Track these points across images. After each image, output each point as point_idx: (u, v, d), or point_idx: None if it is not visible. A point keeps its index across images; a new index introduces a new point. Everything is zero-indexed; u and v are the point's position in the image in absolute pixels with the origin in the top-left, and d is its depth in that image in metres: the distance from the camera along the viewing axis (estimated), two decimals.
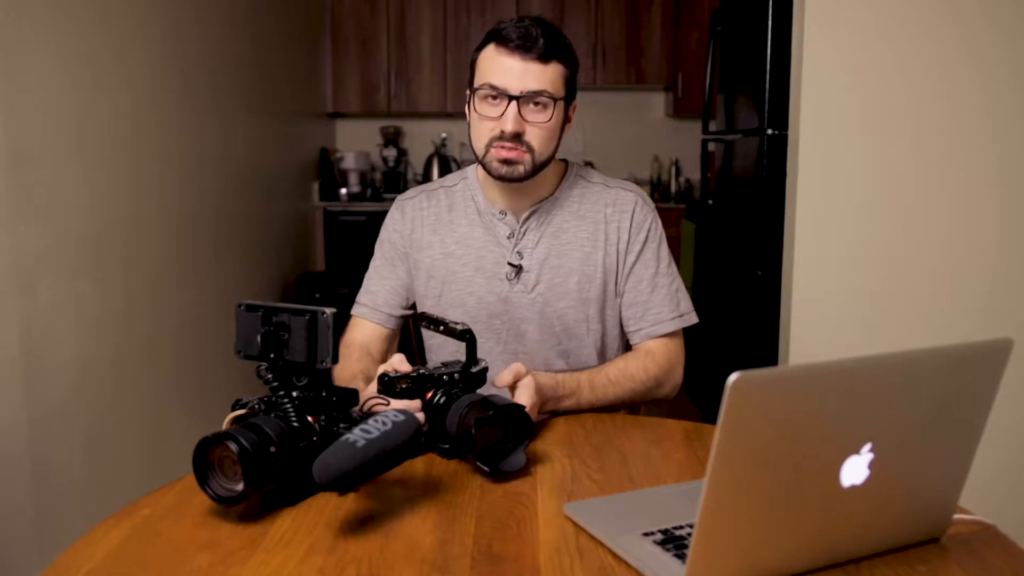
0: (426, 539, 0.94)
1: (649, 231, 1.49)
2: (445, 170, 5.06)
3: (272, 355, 1.07)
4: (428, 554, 0.91)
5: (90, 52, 2.23)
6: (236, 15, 3.37)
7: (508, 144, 1.36)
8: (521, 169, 1.38)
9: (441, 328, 1.22)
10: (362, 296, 1.55)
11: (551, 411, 1.35)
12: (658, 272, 1.49)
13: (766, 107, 2.64)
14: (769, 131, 2.63)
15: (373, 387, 1.21)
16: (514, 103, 1.34)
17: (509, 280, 1.46)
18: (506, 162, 1.37)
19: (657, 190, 5.18)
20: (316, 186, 4.76)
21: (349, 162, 4.89)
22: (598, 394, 1.39)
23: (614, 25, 5.01)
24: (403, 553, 0.91)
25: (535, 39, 1.33)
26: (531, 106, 1.35)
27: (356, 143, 5.18)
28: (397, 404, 1.15)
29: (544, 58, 1.34)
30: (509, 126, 1.34)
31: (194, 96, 2.91)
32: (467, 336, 1.19)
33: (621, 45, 5.03)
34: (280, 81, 4.02)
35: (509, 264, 1.46)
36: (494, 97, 1.35)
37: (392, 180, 5.10)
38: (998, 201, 2.04)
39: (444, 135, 5.21)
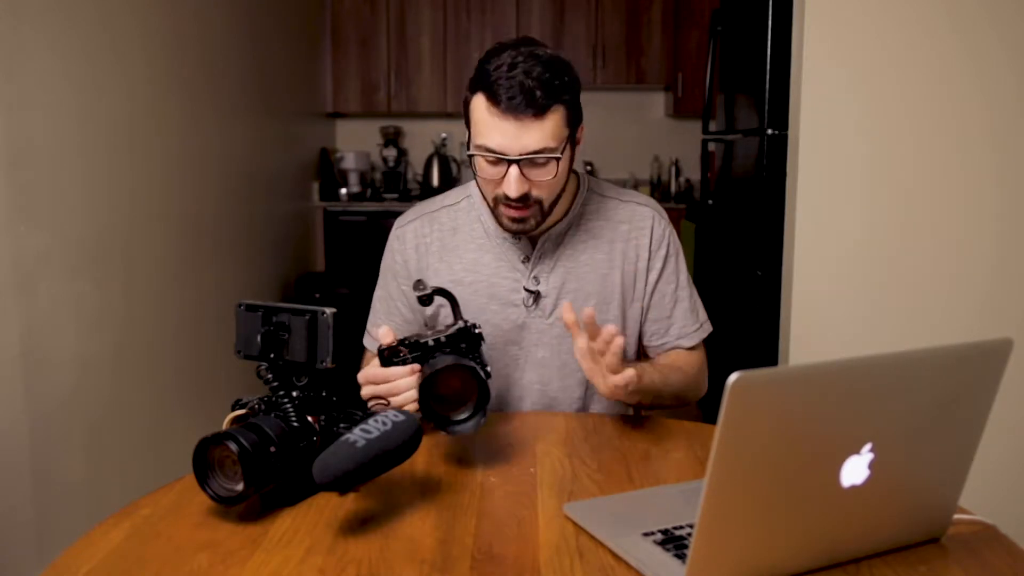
0: (426, 539, 0.94)
1: (669, 246, 1.46)
2: (445, 170, 5.05)
3: (272, 355, 1.07)
4: (428, 554, 0.91)
5: (90, 52, 2.23)
6: (236, 15, 3.37)
7: (515, 204, 1.29)
8: (532, 223, 1.33)
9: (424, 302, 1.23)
10: (373, 329, 1.51)
11: (631, 401, 1.30)
12: (679, 286, 1.47)
13: (766, 107, 2.64)
14: (769, 131, 2.63)
15: (373, 365, 1.20)
16: (515, 166, 1.25)
17: (527, 306, 1.41)
18: (516, 220, 1.32)
19: (657, 190, 5.17)
20: (316, 186, 4.76)
21: (349, 162, 4.89)
22: (663, 375, 1.36)
23: (614, 25, 5.01)
24: (403, 553, 0.91)
25: (528, 93, 1.21)
26: (533, 164, 1.27)
27: (356, 143, 5.17)
28: (393, 371, 1.17)
29: (540, 111, 1.23)
30: (513, 192, 1.26)
31: (194, 96, 2.91)
32: (441, 293, 1.21)
33: (621, 45, 5.03)
34: (280, 81, 4.02)
35: (526, 290, 1.41)
36: (492, 161, 1.27)
37: (392, 180, 5.10)
38: (998, 201, 2.04)
39: (444, 135, 5.20)
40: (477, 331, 1.18)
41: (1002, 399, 0.89)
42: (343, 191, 4.86)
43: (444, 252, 1.44)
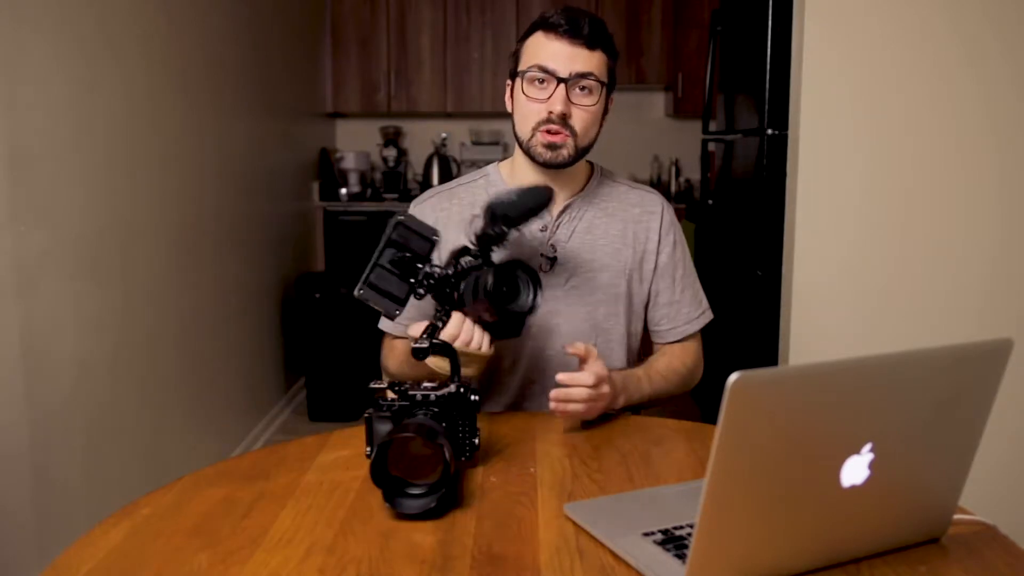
0: (426, 539, 0.94)
1: (676, 232, 1.54)
2: (445, 170, 5.05)
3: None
4: (428, 554, 0.91)
5: (89, 52, 2.23)
6: (236, 15, 3.37)
7: (554, 127, 1.37)
8: (565, 153, 1.39)
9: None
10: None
11: (617, 408, 1.36)
12: (685, 272, 1.54)
13: (766, 107, 2.64)
14: (769, 131, 2.63)
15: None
16: (562, 85, 1.35)
17: (543, 272, 1.45)
18: (551, 147, 1.38)
19: (657, 190, 5.17)
20: (316, 186, 4.76)
21: (349, 162, 4.89)
22: (655, 386, 1.44)
23: (614, 25, 4.99)
24: (403, 553, 0.91)
25: (582, 26, 1.36)
26: (578, 90, 1.37)
27: (356, 143, 5.17)
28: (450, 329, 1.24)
29: (590, 44, 1.37)
30: (558, 107, 1.35)
31: (193, 96, 2.90)
32: (441, 351, 1.20)
33: (621, 45, 4.94)
34: (280, 81, 4.02)
35: (543, 256, 1.46)
36: (542, 80, 1.37)
37: (392, 180, 5.10)
38: (998, 201, 2.04)
39: (444, 135, 5.20)
40: (473, 398, 1.10)
41: (1002, 399, 0.89)
42: (343, 191, 4.86)
43: (464, 224, 1.49)
